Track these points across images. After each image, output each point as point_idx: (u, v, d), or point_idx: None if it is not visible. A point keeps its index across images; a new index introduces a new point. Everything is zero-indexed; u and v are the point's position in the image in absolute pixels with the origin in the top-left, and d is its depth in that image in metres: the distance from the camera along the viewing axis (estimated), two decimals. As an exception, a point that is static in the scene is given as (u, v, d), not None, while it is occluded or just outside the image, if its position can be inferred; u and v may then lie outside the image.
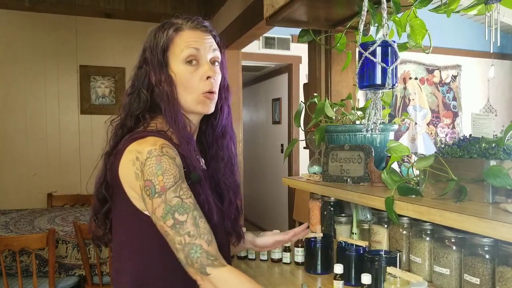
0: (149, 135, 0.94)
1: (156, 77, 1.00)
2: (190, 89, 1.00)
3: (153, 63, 0.99)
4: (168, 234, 0.88)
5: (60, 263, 2.38)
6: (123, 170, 0.94)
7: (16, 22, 3.78)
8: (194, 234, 0.87)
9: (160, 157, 0.89)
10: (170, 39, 1.00)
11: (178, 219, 0.87)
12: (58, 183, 3.88)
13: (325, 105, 1.66)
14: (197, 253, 0.86)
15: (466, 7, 1.30)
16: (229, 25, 3.52)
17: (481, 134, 1.16)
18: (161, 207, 0.87)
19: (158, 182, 0.87)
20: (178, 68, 0.99)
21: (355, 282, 1.34)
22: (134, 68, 1.05)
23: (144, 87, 1.01)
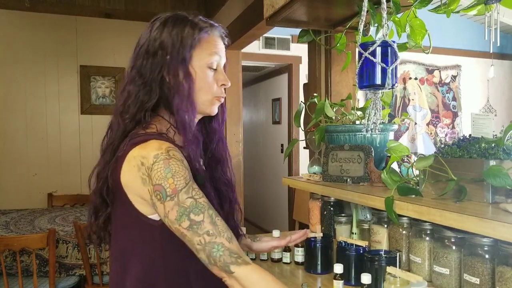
0: (152, 138, 0.91)
1: (175, 72, 0.96)
2: (207, 91, 1.00)
3: (175, 57, 0.96)
4: (185, 236, 0.86)
5: (60, 263, 2.38)
6: (126, 176, 0.91)
7: (16, 22, 3.78)
8: (213, 232, 0.85)
9: (167, 160, 0.87)
10: (198, 40, 0.98)
11: (195, 220, 0.85)
12: (58, 183, 3.88)
13: (325, 105, 1.66)
14: (220, 251, 0.84)
15: (466, 7, 1.30)
16: (229, 25, 3.52)
17: (481, 134, 1.17)
18: (175, 209, 0.86)
19: (169, 185, 0.86)
20: (201, 70, 0.99)
21: (355, 282, 1.34)
22: (141, 55, 0.98)
23: (157, 80, 0.96)
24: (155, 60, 0.96)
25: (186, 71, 0.96)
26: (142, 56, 0.98)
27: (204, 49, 0.99)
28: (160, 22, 1.00)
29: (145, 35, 1.00)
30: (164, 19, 1.01)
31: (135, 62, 0.98)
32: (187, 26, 0.98)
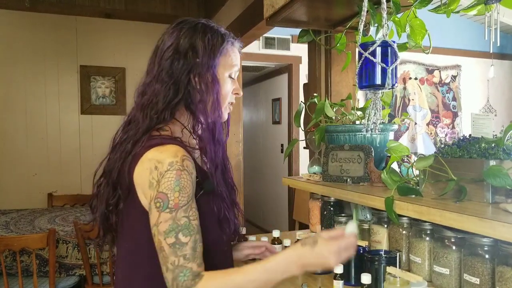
0: (168, 143, 0.94)
1: (203, 75, 1.00)
2: (224, 97, 1.06)
3: (205, 62, 1.00)
4: (163, 250, 0.87)
5: (60, 263, 2.38)
6: (137, 175, 0.93)
7: (16, 22, 3.78)
8: (189, 257, 0.86)
9: (180, 171, 0.89)
10: (226, 49, 1.04)
11: (180, 240, 0.86)
12: (58, 183, 3.88)
13: (325, 105, 1.66)
14: (185, 276, 0.85)
15: (465, 7, 1.30)
16: (229, 25, 3.52)
17: (481, 134, 1.17)
18: (168, 223, 0.87)
19: (174, 199, 0.88)
20: (223, 77, 1.04)
21: (355, 282, 1.34)
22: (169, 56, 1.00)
23: (184, 81, 1.00)
24: (185, 61, 0.99)
25: (214, 76, 1.01)
26: (170, 57, 1.00)
27: (228, 59, 1.05)
28: (190, 26, 1.03)
29: (171, 37, 1.03)
30: (194, 24, 1.04)
31: (162, 62, 1.01)
32: (218, 34, 1.04)
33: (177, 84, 0.99)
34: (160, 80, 1.00)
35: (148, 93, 1.01)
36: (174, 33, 1.03)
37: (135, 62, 4.11)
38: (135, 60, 4.11)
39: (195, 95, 1.00)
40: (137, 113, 1.02)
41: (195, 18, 1.07)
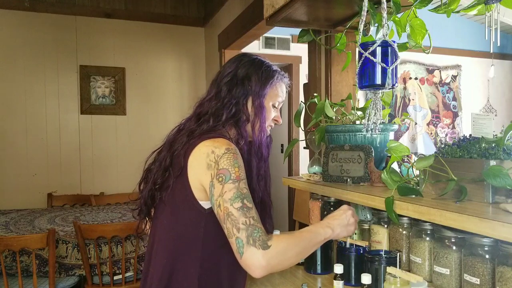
0: (223, 137, 1.09)
1: (253, 101, 1.19)
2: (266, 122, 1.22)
3: (258, 91, 1.19)
4: (231, 215, 0.96)
5: (60, 263, 2.38)
6: (194, 159, 1.06)
7: (16, 22, 3.78)
8: (257, 219, 0.97)
9: (236, 155, 1.04)
10: (275, 83, 1.23)
11: (246, 204, 0.97)
12: (58, 183, 3.88)
13: (325, 105, 1.66)
14: (260, 233, 0.94)
15: (466, 7, 1.30)
16: (229, 25, 3.52)
17: (481, 134, 1.16)
18: (232, 191, 0.98)
19: (235, 172, 1.00)
20: (268, 105, 1.23)
21: (355, 282, 1.34)
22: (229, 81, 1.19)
23: (240, 103, 1.18)
24: (240, 87, 1.18)
25: (262, 104, 1.19)
26: (229, 81, 1.19)
27: (275, 91, 1.24)
28: (249, 59, 1.24)
29: (232, 66, 1.22)
30: (253, 59, 1.24)
31: (221, 84, 1.20)
32: (270, 70, 1.23)
33: (232, 105, 1.17)
34: (218, 99, 1.18)
35: (206, 107, 1.18)
36: (235, 62, 1.23)
37: (135, 62, 4.11)
38: (135, 60, 4.11)
39: (243, 116, 1.18)
40: (191, 122, 1.18)
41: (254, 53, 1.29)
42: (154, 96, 4.20)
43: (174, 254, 1.09)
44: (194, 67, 4.34)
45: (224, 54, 3.67)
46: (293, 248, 1.00)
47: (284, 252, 0.96)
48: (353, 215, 1.17)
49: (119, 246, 2.45)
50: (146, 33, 4.11)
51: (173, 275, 1.09)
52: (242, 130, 1.17)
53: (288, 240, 0.99)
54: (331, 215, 1.16)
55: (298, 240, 1.02)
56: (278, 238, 0.97)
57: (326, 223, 1.11)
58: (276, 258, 0.94)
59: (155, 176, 1.15)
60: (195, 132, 1.13)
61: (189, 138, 1.11)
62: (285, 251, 0.97)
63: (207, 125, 1.14)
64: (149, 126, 4.17)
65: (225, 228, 0.97)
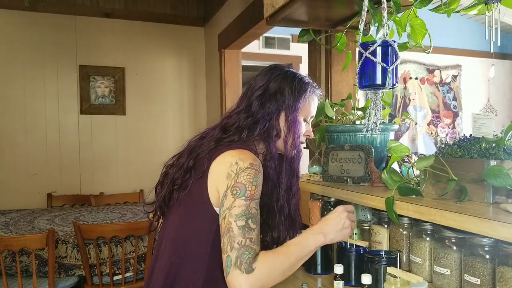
0: (249, 150, 1.08)
1: (286, 115, 1.17)
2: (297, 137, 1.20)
3: (292, 105, 1.16)
4: (231, 231, 0.96)
5: (59, 263, 2.38)
6: (217, 165, 1.06)
7: (16, 22, 3.77)
8: (254, 241, 0.97)
9: (258, 172, 1.03)
10: (307, 97, 1.20)
11: (250, 225, 0.97)
12: (58, 183, 3.88)
13: (325, 105, 1.66)
14: (250, 255, 0.94)
15: (466, 7, 1.30)
16: (229, 25, 3.52)
17: (482, 134, 1.16)
18: (241, 208, 0.98)
19: (250, 190, 1.00)
20: (300, 120, 1.20)
21: (355, 282, 1.33)
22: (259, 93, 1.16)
23: (273, 118, 1.15)
24: (273, 101, 1.15)
25: (295, 118, 1.17)
26: (260, 95, 1.16)
27: (308, 105, 1.21)
28: (281, 72, 1.20)
29: (264, 79, 1.19)
30: (285, 71, 1.20)
31: (252, 98, 1.17)
32: (303, 83, 1.19)
33: (264, 120, 1.14)
34: (248, 112, 1.16)
35: (234, 119, 1.17)
36: (266, 75, 1.19)
37: (134, 62, 4.10)
38: (135, 59, 4.10)
39: (273, 131, 1.15)
40: (215, 131, 1.16)
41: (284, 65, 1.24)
42: (154, 96, 4.19)
43: (182, 254, 1.09)
44: (194, 67, 4.34)
45: (224, 54, 3.66)
46: (279, 267, 0.98)
47: (269, 273, 0.96)
48: (350, 217, 1.13)
49: (118, 246, 2.45)
50: (145, 33, 4.11)
51: (178, 276, 1.09)
52: (271, 146, 1.15)
53: (273, 260, 0.98)
54: (325, 218, 1.12)
55: (285, 258, 1.00)
56: (264, 259, 0.95)
57: (318, 229, 1.08)
58: (260, 280, 0.94)
59: (174, 177, 1.15)
60: (224, 140, 1.12)
61: (217, 144, 1.11)
62: (270, 272, 0.96)
63: (238, 136, 1.12)
64: (149, 126, 4.16)
65: (222, 241, 0.98)
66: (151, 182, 1.30)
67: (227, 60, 3.65)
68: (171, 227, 1.15)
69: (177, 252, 1.10)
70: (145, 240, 2.51)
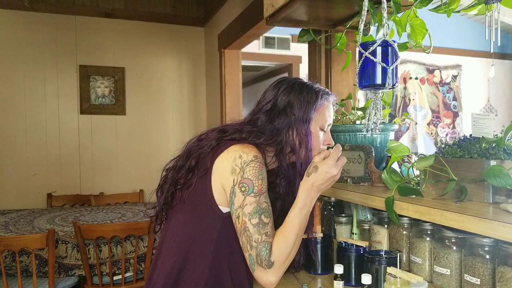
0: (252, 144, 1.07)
1: (298, 129, 1.12)
2: (315, 148, 1.16)
3: (302, 117, 1.12)
4: (247, 230, 0.99)
5: (59, 263, 2.38)
6: (220, 161, 1.05)
7: (15, 22, 3.77)
8: (270, 234, 1.00)
9: (262, 165, 1.04)
10: (319, 105, 1.15)
11: (263, 220, 1.00)
12: (58, 183, 3.88)
13: (325, 105, 1.65)
14: (267, 250, 0.98)
15: (466, 7, 1.30)
16: (229, 25, 3.52)
17: (482, 134, 1.16)
18: (253, 205, 1.00)
19: (258, 185, 1.01)
20: (314, 130, 1.15)
21: (355, 282, 1.33)
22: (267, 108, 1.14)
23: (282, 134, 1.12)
24: (282, 116, 1.12)
25: (308, 131, 1.13)
26: (269, 111, 1.14)
27: (321, 114, 1.16)
28: (288, 85, 1.17)
29: (272, 94, 1.17)
30: (292, 83, 1.17)
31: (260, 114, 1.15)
32: (312, 92, 1.16)
33: (267, 131, 1.12)
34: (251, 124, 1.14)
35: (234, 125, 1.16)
36: (274, 90, 1.17)
37: (134, 62, 4.10)
38: (135, 59, 4.10)
39: (287, 146, 1.12)
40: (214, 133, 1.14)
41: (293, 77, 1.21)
42: (154, 96, 4.19)
43: (185, 253, 1.09)
44: (194, 67, 4.34)
45: (224, 54, 3.66)
46: (292, 245, 1.02)
47: (286, 258, 1.01)
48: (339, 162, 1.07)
49: (118, 246, 2.45)
50: (146, 33, 4.11)
51: (180, 274, 1.09)
52: (283, 163, 1.12)
53: (285, 243, 1.01)
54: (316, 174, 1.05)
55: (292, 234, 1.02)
56: (277, 248, 0.99)
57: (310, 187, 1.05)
58: (282, 268, 1.00)
59: (177, 177, 1.14)
60: (225, 138, 1.11)
61: (219, 142, 1.10)
62: (286, 256, 1.01)
63: (239, 136, 1.11)
64: (149, 126, 4.16)
65: (241, 241, 1.02)
66: (151, 182, 1.29)
67: (227, 60, 3.65)
68: (175, 226, 1.14)
69: (180, 251, 1.10)
70: (145, 240, 2.51)
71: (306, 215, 1.05)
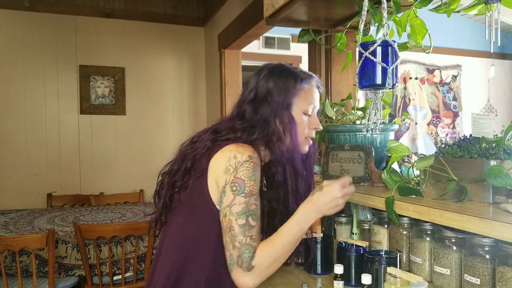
0: (247, 144, 1.06)
1: (280, 116, 1.11)
2: (301, 134, 1.15)
3: (281, 104, 1.11)
4: (232, 230, 0.99)
5: (59, 263, 2.37)
6: (215, 161, 1.05)
7: (16, 22, 3.77)
8: (254, 238, 0.99)
9: (256, 165, 1.03)
10: (299, 90, 1.13)
11: (250, 223, 0.99)
12: (58, 183, 3.88)
13: (326, 105, 1.66)
14: (250, 253, 0.98)
15: (466, 7, 1.30)
16: (229, 25, 3.52)
17: (482, 134, 1.16)
18: (241, 206, 0.99)
19: (250, 186, 1.01)
20: (297, 115, 1.13)
21: (355, 282, 1.33)
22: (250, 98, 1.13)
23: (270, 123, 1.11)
24: (265, 105, 1.11)
25: (290, 116, 1.11)
26: (252, 100, 1.13)
27: (302, 98, 1.14)
28: (268, 71, 1.15)
29: (253, 82, 1.15)
30: (272, 69, 1.15)
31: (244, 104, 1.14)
32: (291, 76, 1.13)
33: (257, 125, 1.11)
34: (241, 118, 1.13)
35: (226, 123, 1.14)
36: (255, 77, 1.15)
37: (134, 62, 4.10)
38: (135, 59, 4.10)
39: (273, 136, 1.11)
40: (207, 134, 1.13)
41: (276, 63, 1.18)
42: (154, 96, 4.19)
43: (185, 254, 1.09)
44: (194, 67, 4.34)
45: (224, 54, 3.66)
46: (277, 257, 1.01)
47: (268, 266, 1.00)
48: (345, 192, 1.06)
49: (118, 246, 2.45)
50: (146, 33, 4.11)
51: (180, 275, 1.09)
52: (276, 151, 1.11)
53: (271, 253, 1.00)
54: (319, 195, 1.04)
55: (281, 247, 1.01)
56: (261, 254, 0.99)
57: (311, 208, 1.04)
58: (261, 274, 0.99)
59: (173, 180, 1.14)
60: (220, 138, 1.10)
61: (214, 142, 1.09)
62: (269, 264, 1.00)
63: (234, 135, 1.09)
64: (149, 126, 4.16)
65: (224, 239, 1.01)
66: (151, 182, 1.29)
67: (227, 60, 3.65)
68: (174, 228, 1.14)
69: (180, 252, 1.10)
70: (145, 240, 2.51)
71: (298, 233, 1.03)
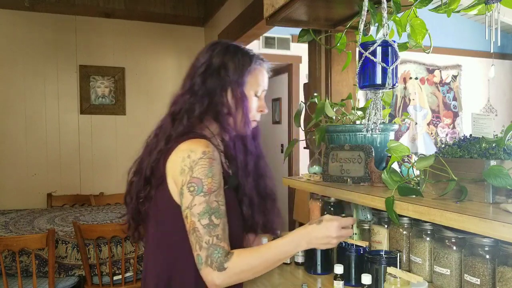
0: (201, 138, 1.04)
1: (233, 91, 1.10)
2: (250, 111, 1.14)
3: (236, 79, 1.10)
4: (197, 231, 0.97)
5: (59, 263, 2.38)
6: (171, 164, 1.02)
7: (16, 22, 3.77)
8: (221, 237, 0.97)
9: (212, 160, 1.00)
10: (254, 69, 1.14)
11: (213, 221, 0.97)
12: (58, 183, 3.88)
13: (325, 105, 1.66)
14: (219, 254, 0.96)
15: (466, 7, 1.30)
16: (229, 25, 3.52)
17: (482, 134, 1.16)
18: (202, 206, 0.97)
19: (207, 183, 0.98)
20: (248, 94, 1.13)
21: (355, 282, 1.33)
22: (203, 73, 1.11)
23: (214, 94, 1.10)
24: (216, 78, 1.10)
25: (242, 93, 1.11)
26: (203, 73, 1.11)
27: (254, 78, 1.14)
28: (222, 47, 1.14)
29: (205, 56, 1.14)
30: (226, 46, 1.14)
31: (195, 77, 1.12)
32: (247, 55, 1.14)
33: (207, 97, 1.09)
34: (192, 92, 1.11)
35: (180, 103, 1.12)
36: (207, 52, 1.14)
37: (134, 62, 4.10)
38: (135, 59, 4.10)
39: (223, 108, 1.09)
40: (167, 120, 1.13)
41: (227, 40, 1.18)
42: (154, 96, 4.19)
43: (169, 261, 1.07)
44: (194, 67, 4.34)
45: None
46: (253, 268, 1.00)
47: (241, 273, 0.98)
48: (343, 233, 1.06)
49: (118, 246, 2.45)
50: (145, 33, 4.11)
51: (169, 282, 1.07)
52: (225, 124, 1.10)
53: (249, 261, 0.99)
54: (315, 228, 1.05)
55: (261, 261, 1.00)
56: (238, 260, 0.97)
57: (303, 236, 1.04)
58: (231, 278, 0.97)
59: (137, 189, 1.12)
60: (171, 136, 1.07)
61: (167, 143, 1.07)
62: (242, 272, 0.98)
63: (182, 126, 1.08)
64: (149, 126, 4.11)
65: (190, 240, 0.99)
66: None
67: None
68: (150, 239, 1.13)
69: (164, 261, 1.08)
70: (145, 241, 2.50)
71: (283, 253, 1.02)
